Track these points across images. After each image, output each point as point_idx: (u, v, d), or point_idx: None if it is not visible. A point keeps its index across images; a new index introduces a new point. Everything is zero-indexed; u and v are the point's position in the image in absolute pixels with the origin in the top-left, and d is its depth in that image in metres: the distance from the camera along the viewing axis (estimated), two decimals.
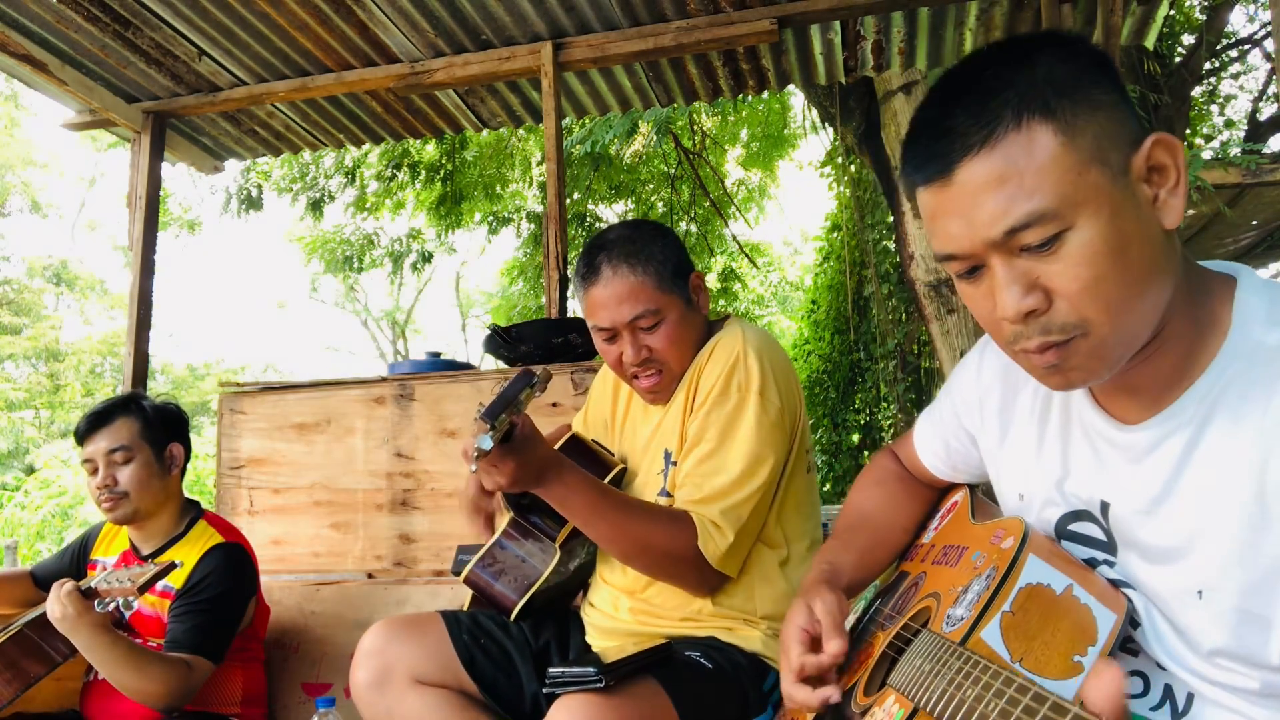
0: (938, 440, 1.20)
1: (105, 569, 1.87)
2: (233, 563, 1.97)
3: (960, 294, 0.86)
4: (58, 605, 1.69)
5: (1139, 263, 0.77)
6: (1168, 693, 0.91)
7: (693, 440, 1.54)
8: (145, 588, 1.66)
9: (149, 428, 2.05)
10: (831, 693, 0.98)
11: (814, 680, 1.00)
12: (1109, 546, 0.93)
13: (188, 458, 2.13)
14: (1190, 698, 0.89)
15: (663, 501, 1.58)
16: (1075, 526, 0.97)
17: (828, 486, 8.07)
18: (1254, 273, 0.86)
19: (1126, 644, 0.93)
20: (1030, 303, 0.78)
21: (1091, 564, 0.95)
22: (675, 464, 1.59)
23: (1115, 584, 0.92)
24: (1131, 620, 0.90)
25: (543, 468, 1.39)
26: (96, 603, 1.66)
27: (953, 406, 1.15)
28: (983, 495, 1.19)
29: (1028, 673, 0.80)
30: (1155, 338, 0.83)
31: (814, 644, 1.03)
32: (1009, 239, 0.77)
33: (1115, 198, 0.76)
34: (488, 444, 1.25)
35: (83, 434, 2.02)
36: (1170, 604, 0.87)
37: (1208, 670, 0.86)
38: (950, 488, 1.25)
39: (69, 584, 1.72)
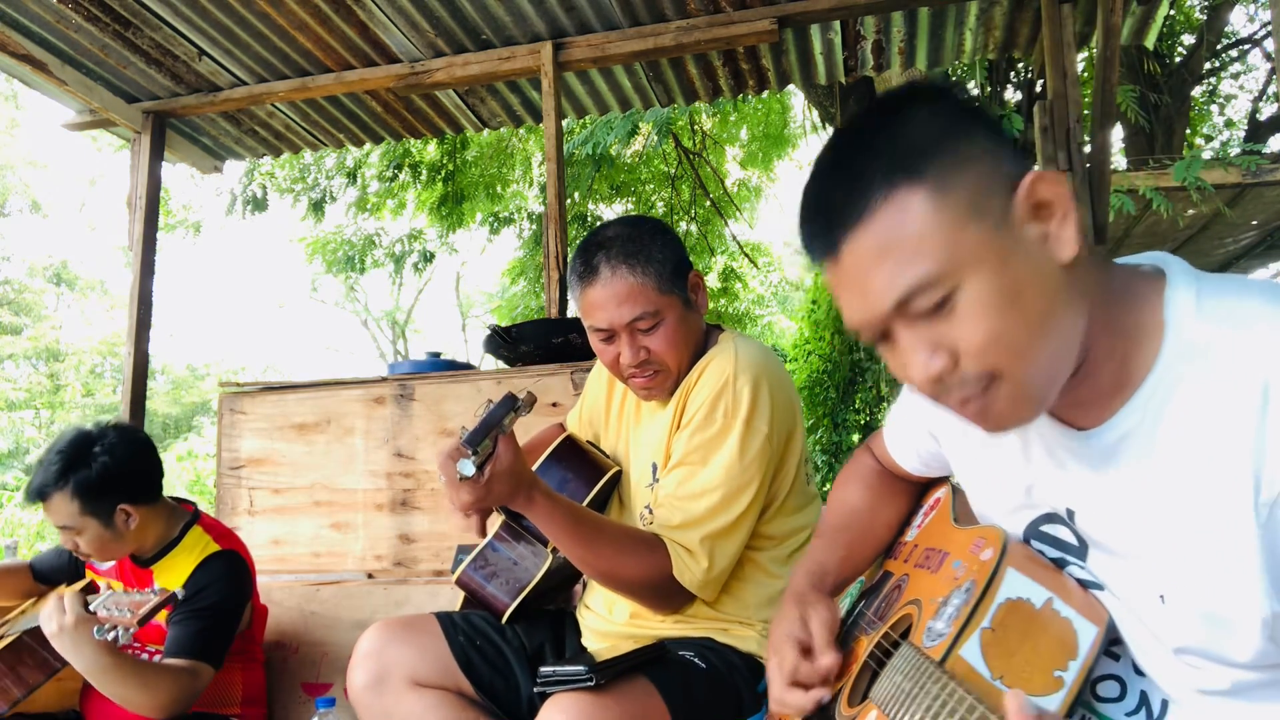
0: (905, 439, 1.20)
1: (105, 589, 1.84)
2: (230, 571, 1.96)
3: (880, 355, 0.86)
4: (54, 619, 1.62)
5: (1037, 304, 0.76)
6: (1144, 699, 0.91)
7: (674, 462, 1.53)
8: (145, 620, 1.62)
9: (87, 501, 1.87)
10: (824, 693, 1.04)
11: (803, 685, 1.06)
12: (1080, 550, 0.93)
13: (154, 498, 1.98)
14: (1165, 704, 0.90)
15: (648, 516, 1.57)
16: (1046, 528, 0.97)
17: (828, 487, 8.05)
18: (1182, 264, 0.84)
19: (1111, 646, 0.93)
20: (937, 365, 0.78)
21: (1060, 564, 0.95)
22: (659, 480, 1.58)
23: (1086, 585, 0.93)
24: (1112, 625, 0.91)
25: (513, 491, 1.35)
26: (95, 629, 1.62)
27: (913, 406, 1.14)
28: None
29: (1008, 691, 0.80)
30: (1083, 362, 0.82)
31: (807, 651, 1.07)
32: (901, 308, 0.77)
33: (999, 247, 0.75)
34: (469, 469, 1.24)
35: (32, 501, 1.92)
36: (1136, 607, 0.88)
37: (1179, 670, 0.86)
38: (932, 482, 1.25)
39: (67, 594, 1.67)
